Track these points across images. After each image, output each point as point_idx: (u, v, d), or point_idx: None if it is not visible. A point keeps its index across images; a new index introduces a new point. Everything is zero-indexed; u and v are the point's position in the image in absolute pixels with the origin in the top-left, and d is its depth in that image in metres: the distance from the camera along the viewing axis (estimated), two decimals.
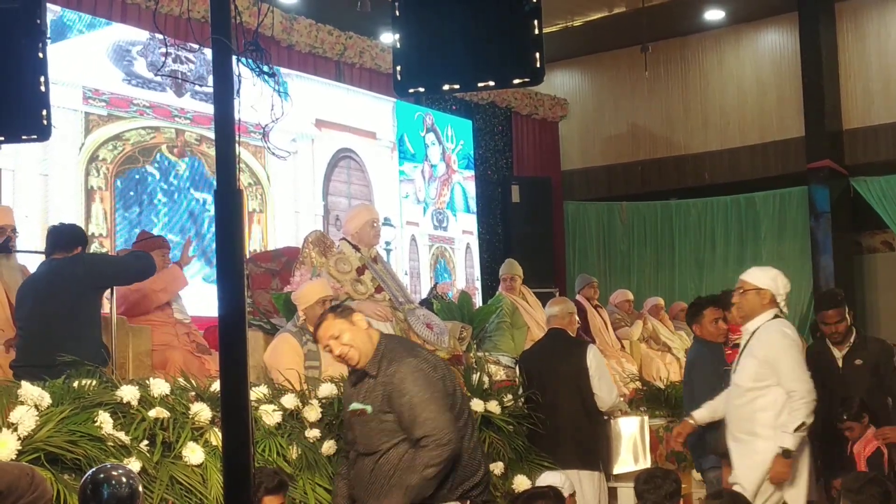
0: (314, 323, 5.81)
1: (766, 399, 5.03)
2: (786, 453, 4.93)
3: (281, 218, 10.31)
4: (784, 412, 4.98)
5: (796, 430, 4.95)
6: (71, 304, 5.14)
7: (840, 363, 6.12)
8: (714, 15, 13.66)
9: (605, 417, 6.25)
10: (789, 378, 5.03)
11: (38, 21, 3.75)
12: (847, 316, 6.13)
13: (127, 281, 5.69)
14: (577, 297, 9.34)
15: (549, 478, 5.02)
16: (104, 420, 4.08)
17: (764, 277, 5.27)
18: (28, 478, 2.92)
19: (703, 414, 5.63)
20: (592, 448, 5.96)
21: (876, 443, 5.72)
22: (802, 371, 5.10)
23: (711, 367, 5.88)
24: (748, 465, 5.05)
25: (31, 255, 6.33)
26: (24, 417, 3.85)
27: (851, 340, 6.12)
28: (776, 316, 5.25)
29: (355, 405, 4.20)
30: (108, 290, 5.65)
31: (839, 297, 6.18)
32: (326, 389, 5.18)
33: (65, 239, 5.45)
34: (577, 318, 6.68)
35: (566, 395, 6.00)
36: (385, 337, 4.30)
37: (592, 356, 6.12)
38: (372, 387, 4.14)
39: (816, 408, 5.07)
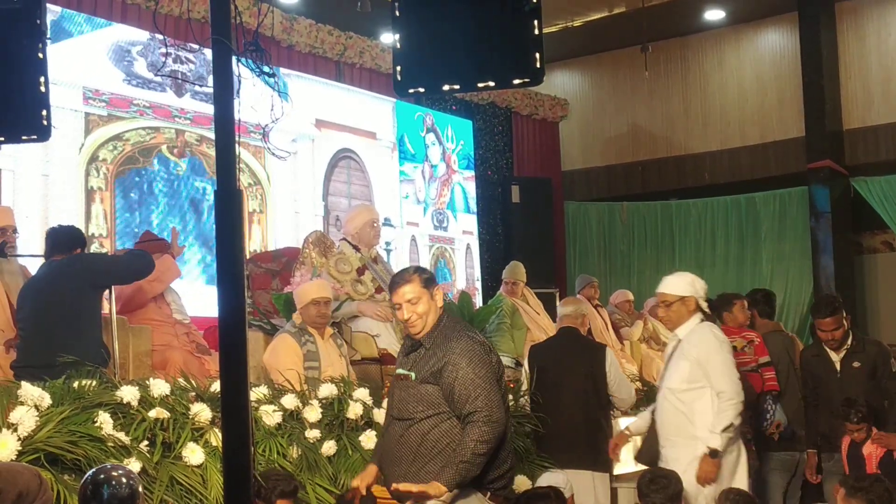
0: (311, 322, 5.84)
1: (704, 401, 5.04)
2: (713, 453, 4.95)
3: (281, 218, 10.30)
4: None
5: (723, 430, 4.96)
6: (70, 304, 5.14)
7: (838, 366, 6.10)
8: (714, 15, 13.65)
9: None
10: (719, 379, 5.04)
11: (38, 21, 3.76)
12: (844, 322, 6.11)
13: (125, 280, 5.69)
14: (578, 296, 9.32)
15: (549, 478, 5.02)
16: (104, 420, 4.09)
17: (682, 284, 5.28)
18: (37, 479, 2.94)
19: (638, 425, 5.65)
20: (604, 449, 5.96)
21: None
22: (732, 372, 5.12)
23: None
24: (692, 468, 5.00)
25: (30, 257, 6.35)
26: (25, 418, 3.86)
27: (848, 343, 6.10)
28: (702, 320, 5.24)
29: (401, 370, 4.24)
30: (108, 291, 5.65)
31: (836, 305, 6.14)
32: (326, 390, 5.18)
33: (64, 240, 5.46)
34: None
35: (580, 395, 6.01)
36: (447, 315, 4.29)
37: (610, 360, 6.22)
38: (423, 357, 4.15)
39: (751, 409, 5.15)
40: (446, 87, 3.61)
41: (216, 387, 4.48)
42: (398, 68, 3.57)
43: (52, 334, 5.01)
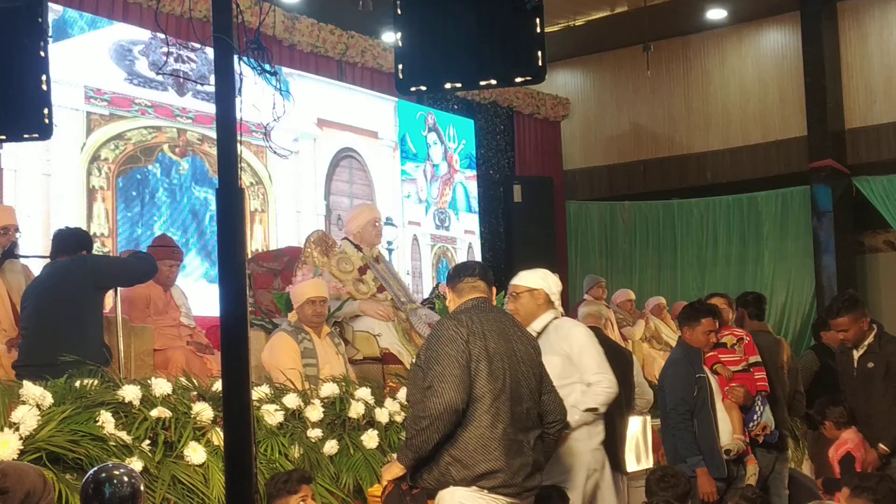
0: (307, 321, 5.84)
1: (575, 396, 4.83)
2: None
3: (283, 217, 10.30)
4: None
5: (587, 410, 4.81)
6: (73, 304, 5.15)
7: (855, 365, 6.01)
8: (716, 14, 13.64)
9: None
10: (593, 371, 4.88)
11: (40, 20, 3.76)
12: (860, 322, 5.95)
13: (129, 282, 5.71)
14: (585, 296, 9.35)
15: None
16: (106, 420, 4.08)
17: (533, 278, 5.09)
18: (42, 479, 2.94)
19: None
20: (621, 448, 5.95)
21: (847, 447, 5.68)
22: (606, 365, 4.96)
23: (685, 373, 5.83)
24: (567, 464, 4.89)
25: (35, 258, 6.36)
26: (26, 417, 3.85)
27: (867, 343, 5.97)
28: (555, 317, 5.04)
29: None
30: (112, 291, 5.66)
31: (842, 305, 5.96)
32: (328, 389, 5.18)
33: (70, 242, 5.47)
34: None
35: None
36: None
37: (636, 365, 6.31)
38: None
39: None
40: (448, 85, 3.61)
41: (218, 386, 4.47)
42: (400, 66, 3.56)
43: (54, 333, 5.01)
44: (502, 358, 3.98)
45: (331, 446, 4.89)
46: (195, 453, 4.28)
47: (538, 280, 5.05)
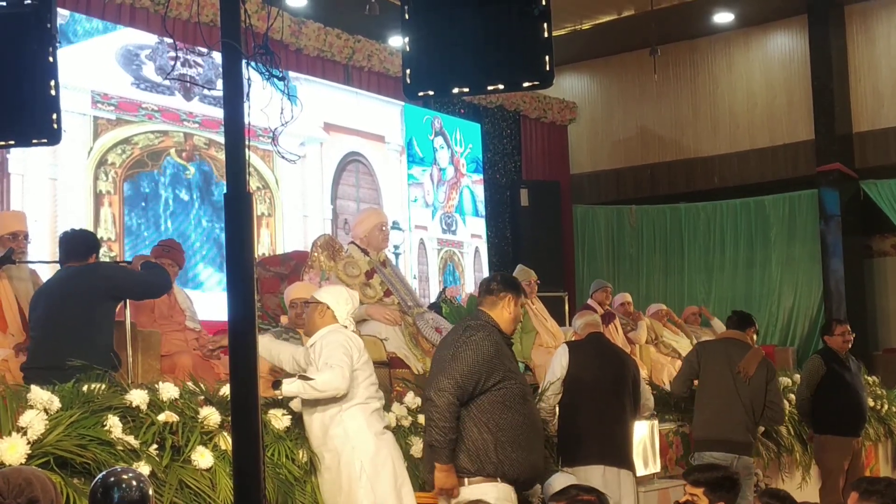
0: (293, 325, 5.86)
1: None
2: (275, 384, 4.70)
3: (290, 222, 10.31)
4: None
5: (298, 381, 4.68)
6: (84, 311, 5.12)
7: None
8: (723, 18, 13.64)
9: None
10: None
11: (49, 25, 3.75)
12: None
13: (143, 296, 5.65)
14: (590, 301, 9.33)
15: (562, 479, 5.01)
16: (113, 424, 4.08)
17: (326, 294, 5.11)
18: (51, 483, 2.94)
19: None
20: (631, 450, 6.02)
21: None
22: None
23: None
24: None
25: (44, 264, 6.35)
26: (34, 421, 3.85)
27: None
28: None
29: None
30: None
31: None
32: None
33: (79, 247, 5.43)
34: None
35: (619, 396, 6.02)
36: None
37: (641, 368, 6.36)
38: None
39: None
40: (456, 90, 3.60)
41: (225, 390, 4.47)
42: (408, 71, 3.56)
43: (62, 338, 5.00)
44: None
45: None
46: (203, 458, 4.28)
47: (327, 296, 5.04)
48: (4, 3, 3.75)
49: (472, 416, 4.50)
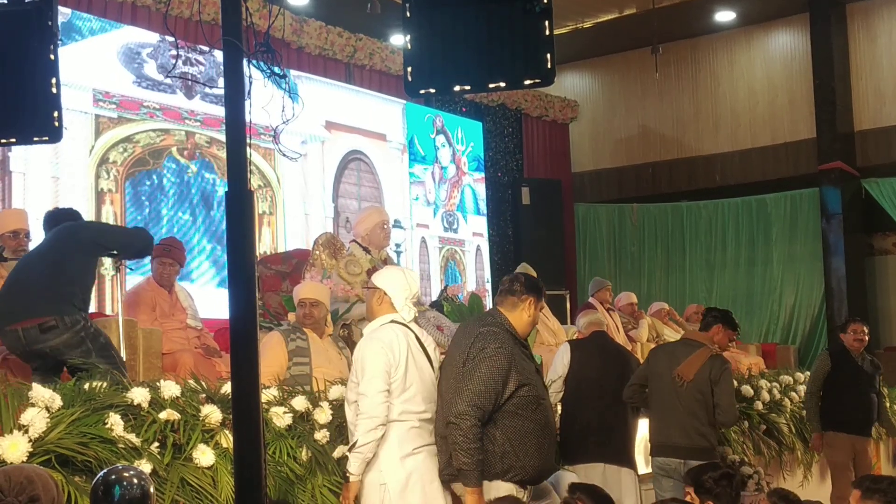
0: (301, 323, 5.85)
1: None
2: (345, 477, 4.52)
3: (291, 220, 10.31)
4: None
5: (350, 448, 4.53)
6: (56, 261, 4.97)
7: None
8: (725, 16, 13.63)
9: None
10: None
11: (50, 23, 3.76)
12: None
13: (126, 247, 5.39)
14: (591, 299, 9.31)
15: (568, 476, 5.01)
16: (115, 422, 4.08)
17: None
18: (53, 481, 2.94)
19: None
20: (632, 448, 6.03)
21: None
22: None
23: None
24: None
25: None
26: (35, 419, 3.85)
27: None
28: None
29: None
30: (118, 293, 5.64)
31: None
32: (337, 392, 5.16)
33: (66, 218, 5.40)
34: None
35: (620, 395, 6.02)
36: None
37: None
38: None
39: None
40: (457, 88, 3.60)
41: (227, 388, 4.47)
42: (409, 69, 3.56)
43: (28, 289, 4.87)
44: None
45: (339, 449, 4.88)
46: (204, 455, 4.28)
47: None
48: (6, 1, 3.76)
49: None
